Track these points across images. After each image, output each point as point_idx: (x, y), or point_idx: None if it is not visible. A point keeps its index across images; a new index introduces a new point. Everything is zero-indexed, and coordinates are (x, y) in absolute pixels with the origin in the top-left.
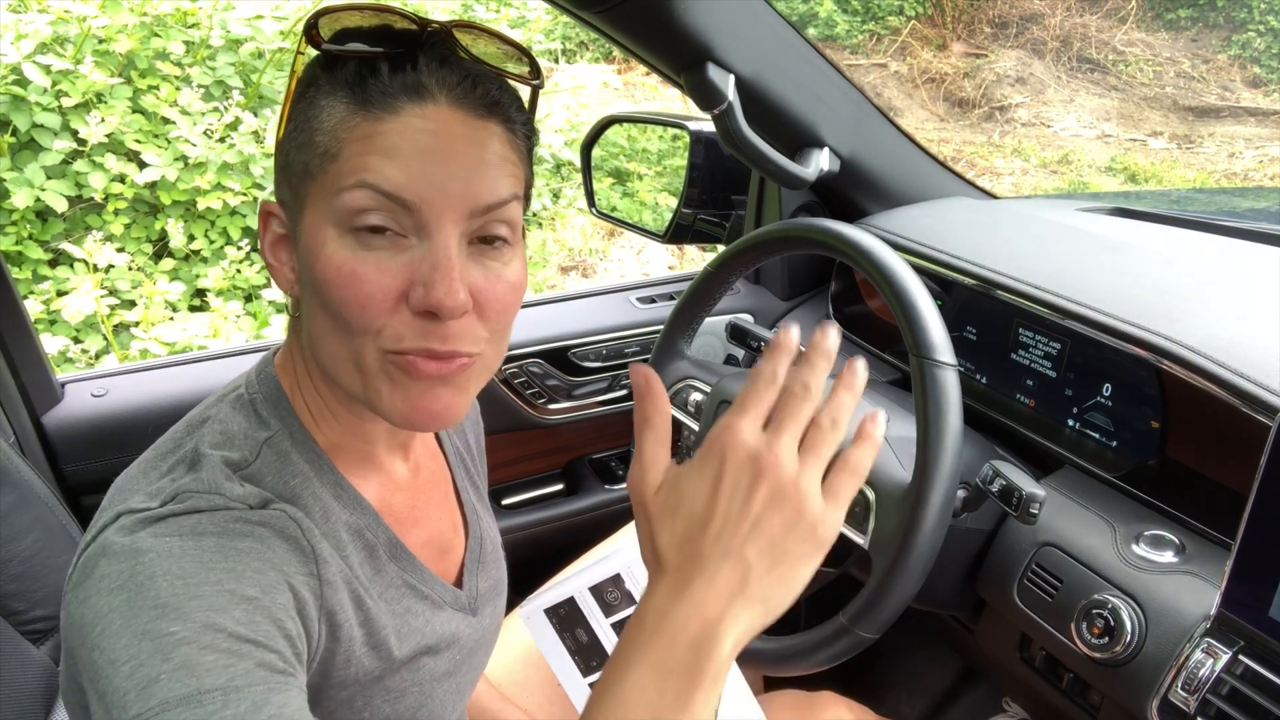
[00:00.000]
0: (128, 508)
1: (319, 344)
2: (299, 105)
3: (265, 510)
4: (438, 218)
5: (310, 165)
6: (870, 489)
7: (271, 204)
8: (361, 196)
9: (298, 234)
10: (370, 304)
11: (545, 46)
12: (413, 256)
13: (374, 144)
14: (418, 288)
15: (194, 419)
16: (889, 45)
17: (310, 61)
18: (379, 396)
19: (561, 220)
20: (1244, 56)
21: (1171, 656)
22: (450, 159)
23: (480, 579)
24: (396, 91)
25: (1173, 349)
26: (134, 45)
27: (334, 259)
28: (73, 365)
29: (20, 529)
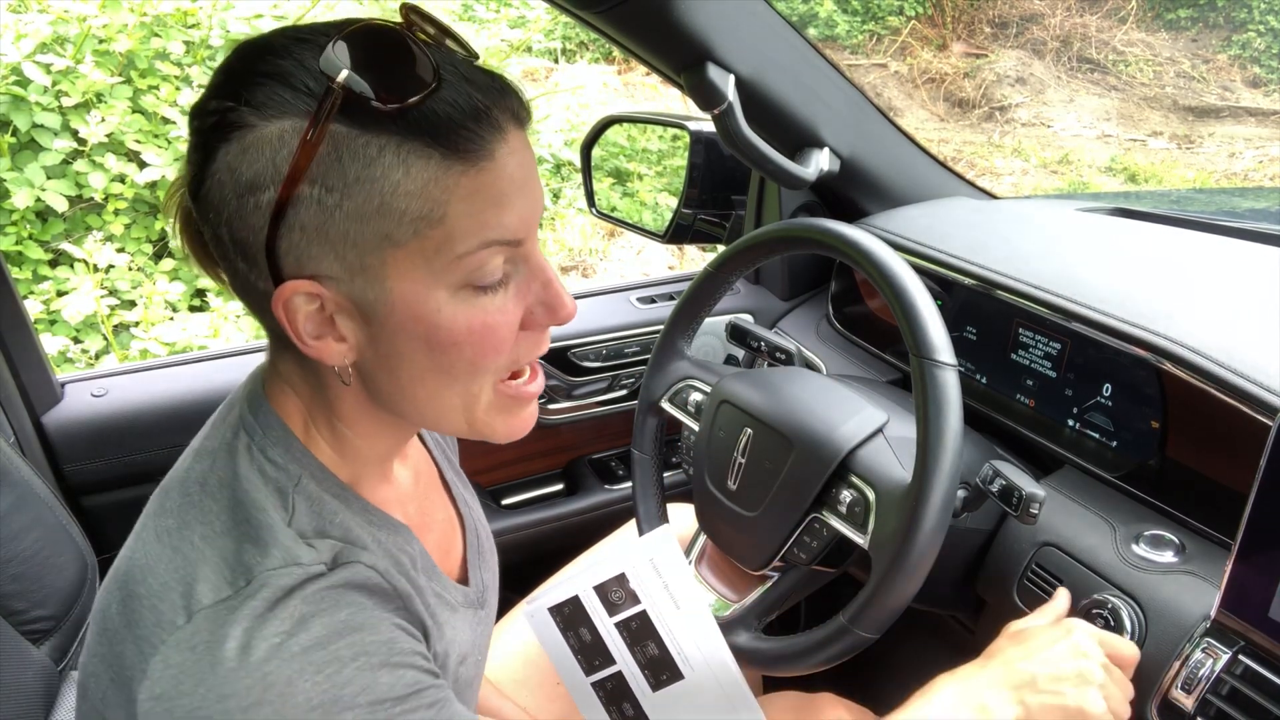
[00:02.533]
0: (198, 605)
1: (424, 401)
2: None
3: (341, 569)
4: (532, 240)
5: (394, 234)
6: (870, 489)
7: (300, 284)
8: (490, 255)
9: (372, 304)
10: (504, 346)
11: (545, 46)
12: (518, 284)
13: (484, 199)
14: (536, 309)
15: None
16: (889, 45)
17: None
18: (491, 427)
19: (561, 220)
20: (1244, 56)
21: (1171, 656)
22: (534, 182)
23: (483, 571)
24: (475, 129)
25: (1173, 349)
26: (134, 45)
27: (460, 319)
28: (73, 365)
29: (20, 529)
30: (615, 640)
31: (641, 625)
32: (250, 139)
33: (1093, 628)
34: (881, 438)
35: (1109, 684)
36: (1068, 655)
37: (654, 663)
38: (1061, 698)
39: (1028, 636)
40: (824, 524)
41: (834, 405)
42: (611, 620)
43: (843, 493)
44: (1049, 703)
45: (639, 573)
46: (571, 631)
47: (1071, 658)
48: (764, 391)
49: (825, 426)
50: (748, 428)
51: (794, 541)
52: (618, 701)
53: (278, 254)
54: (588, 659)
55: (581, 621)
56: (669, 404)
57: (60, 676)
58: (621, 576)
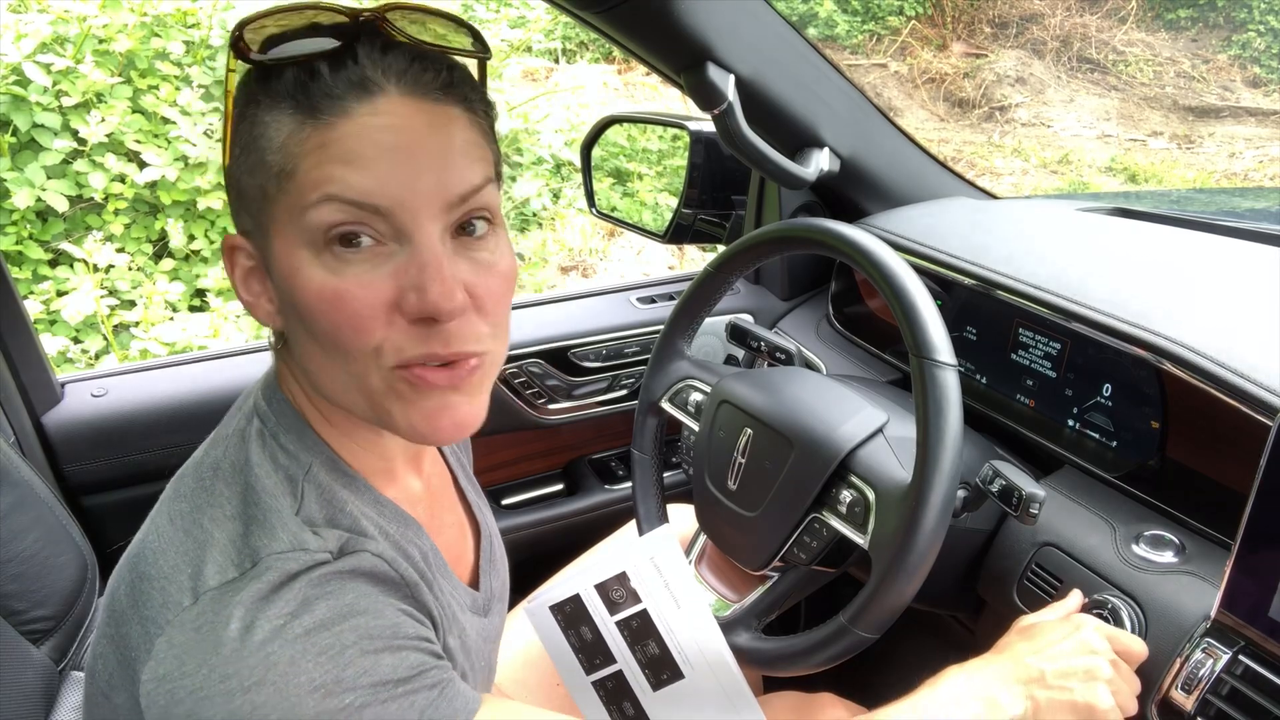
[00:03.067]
0: (205, 587)
1: (317, 374)
2: (241, 127)
3: (348, 557)
4: (414, 217)
5: (267, 188)
6: (870, 489)
7: (234, 237)
8: (329, 211)
9: (269, 263)
10: (361, 323)
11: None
12: (396, 263)
13: (330, 152)
14: (409, 294)
15: (220, 465)
16: (889, 45)
17: (244, 78)
18: (390, 416)
19: (561, 220)
20: (1244, 56)
21: (1171, 656)
22: (415, 153)
23: (493, 578)
24: (342, 91)
25: (1173, 349)
26: (134, 45)
27: (313, 282)
28: (73, 365)
29: (20, 529)
30: (616, 639)
31: (642, 624)
32: None
33: (1101, 623)
34: (881, 438)
35: (1117, 679)
36: (1076, 651)
37: (654, 662)
38: (1069, 693)
39: (1037, 632)
40: (824, 524)
41: (834, 405)
42: (612, 619)
43: (843, 493)
44: (1057, 698)
45: (640, 571)
46: (572, 630)
47: (1080, 654)
48: (764, 392)
49: (825, 426)
50: (748, 428)
51: (794, 542)
52: (618, 701)
53: (235, 211)
54: (588, 658)
55: (582, 620)
56: (669, 404)
57: (60, 676)
58: (622, 575)
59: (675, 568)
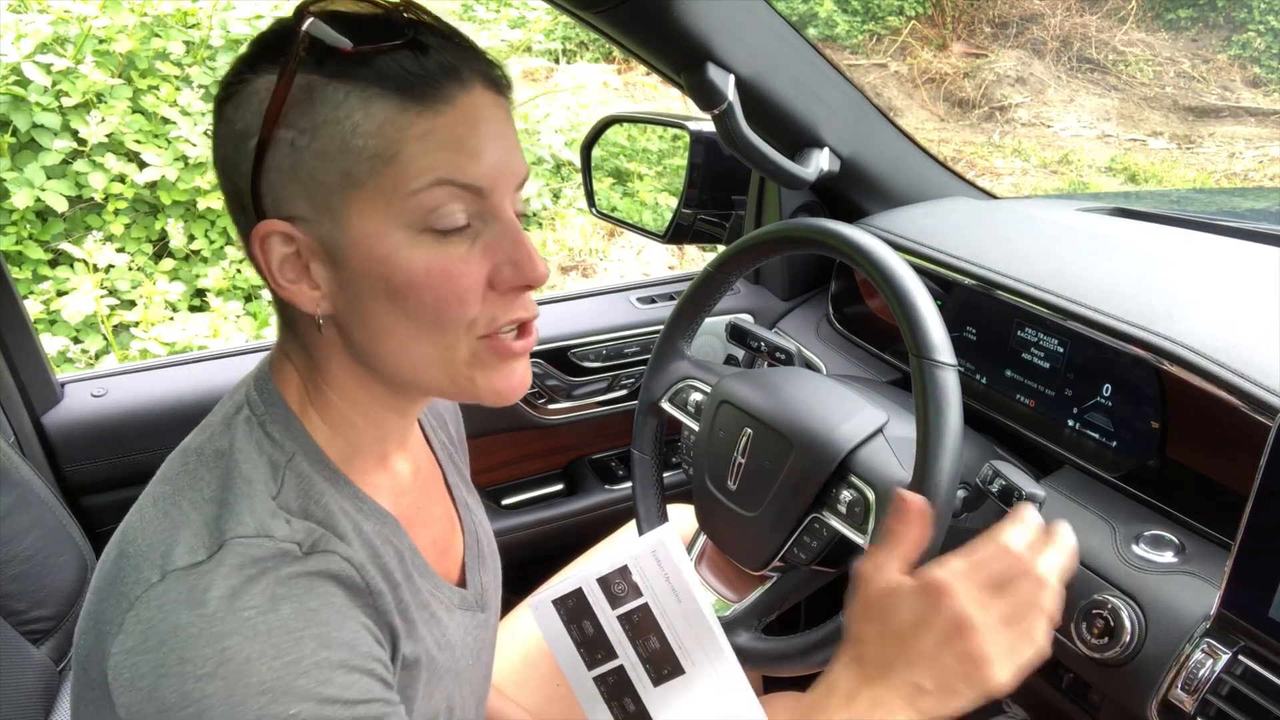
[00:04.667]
0: (173, 565)
1: (396, 351)
2: (299, 111)
3: (318, 556)
4: (501, 198)
5: (353, 172)
6: (870, 489)
7: (273, 224)
8: (442, 194)
9: (338, 246)
10: (467, 295)
11: (545, 46)
12: (487, 240)
13: (439, 139)
14: (504, 268)
15: (204, 449)
16: (889, 45)
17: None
18: (473, 383)
19: (561, 220)
20: (1244, 56)
21: (1171, 657)
22: (502, 139)
23: (483, 574)
24: (441, 80)
25: (1173, 349)
26: (134, 45)
27: (418, 261)
28: (73, 365)
29: (20, 529)
30: (617, 633)
31: (643, 618)
32: (245, 93)
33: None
34: (881, 438)
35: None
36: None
37: (655, 657)
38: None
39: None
40: (824, 524)
41: (834, 405)
42: (614, 613)
43: (843, 493)
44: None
45: (641, 565)
46: (575, 624)
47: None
48: (764, 392)
49: (825, 427)
50: (748, 428)
51: (794, 542)
52: (619, 697)
53: (260, 197)
54: (590, 652)
55: (584, 614)
56: (669, 404)
57: (60, 676)
58: (624, 569)
59: (677, 562)
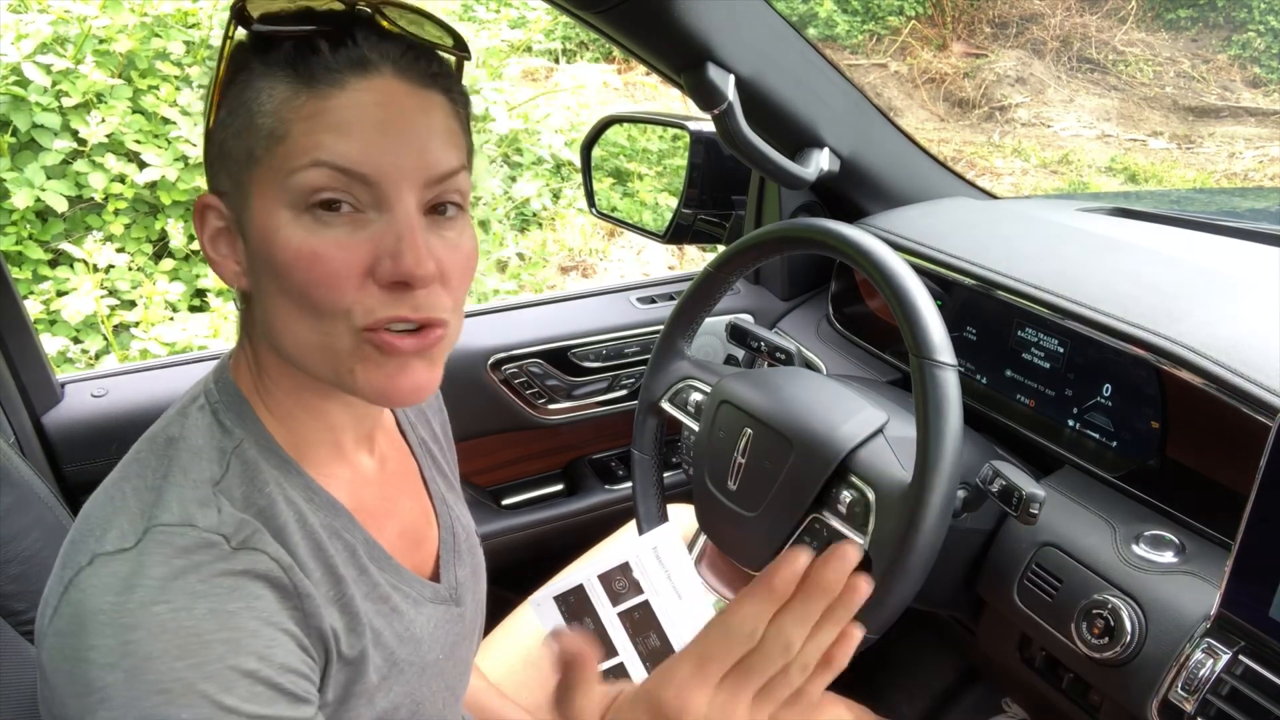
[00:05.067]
0: (102, 549)
1: (283, 333)
2: (231, 91)
3: (245, 553)
4: (395, 189)
5: (254, 150)
6: (870, 489)
7: (208, 197)
8: (317, 175)
9: (245, 223)
10: (337, 282)
11: (545, 46)
12: (374, 231)
13: (324, 121)
14: (384, 260)
15: (158, 436)
16: (889, 45)
17: (239, 46)
18: (353, 376)
19: (561, 220)
20: (1244, 56)
21: (1171, 657)
22: (402, 130)
23: (458, 568)
24: (340, 66)
25: (1173, 349)
26: (134, 45)
27: (292, 241)
28: (73, 365)
29: (20, 529)
30: (618, 630)
31: (644, 616)
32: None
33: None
34: (881, 438)
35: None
36: None
37: (655, 654)
38: None
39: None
40: (824, 524)
41: (834, 405)
42: (615, 610)
43: (843, 493)
44: None
45: (642, 562)
46: (576, 621)
47: None
48: (764, 392)
49: (825, 427)
50: (748, 428)
51: (794, 542)
52: None
53: (212, 173)
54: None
55: (585, 611)
56: (669, 404)
57: None
58: (625, 566)
59: (677, 560)
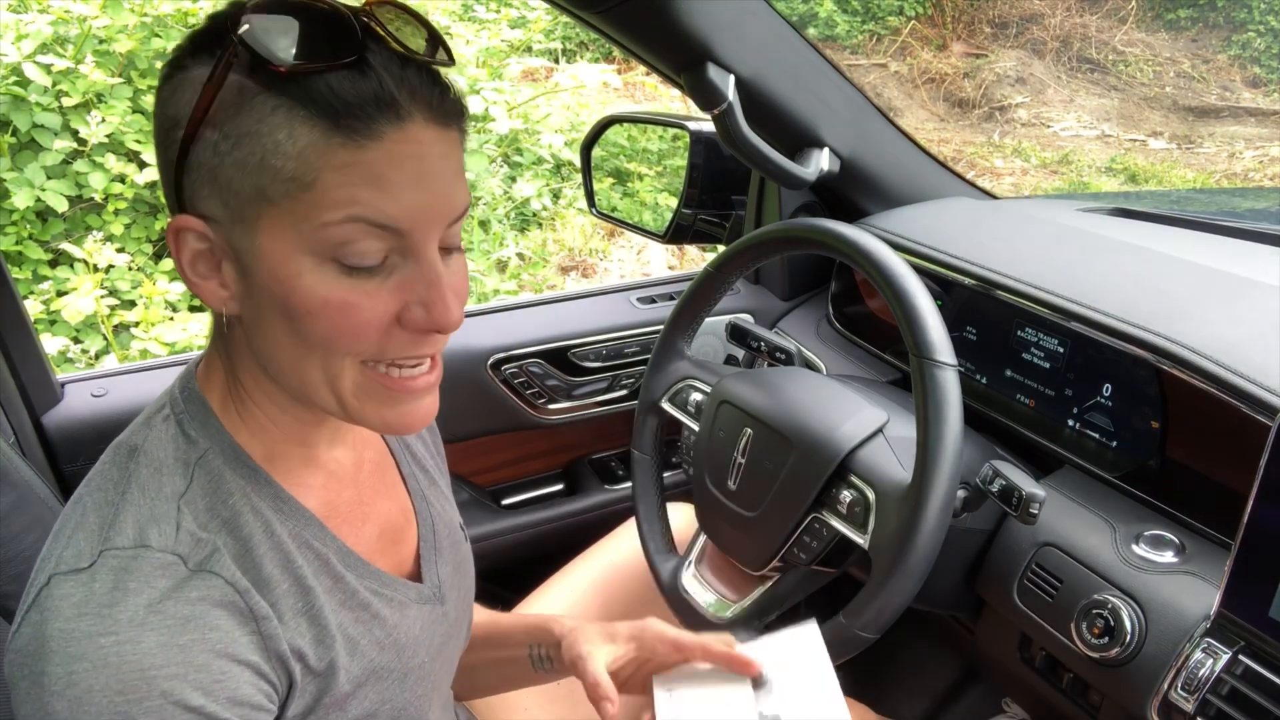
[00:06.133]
0: (59, 569)
1: (288, 368)
2: (227, 114)
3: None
4: (424, 238)
5: (267, 190)
6: (870, 489)
7: (185, 219)
8: (354, 230)
9: (245, 254)
10: (364, 331)
11: (545, 46)
12: (401, 278)
13: (358, 174)
14: (414, 309)
15: (122, 446)
16: (889, 45)
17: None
18: (362, 413)
19: (561, 220)
20: (1244, 56)
21: (1171, 656)
22: (433, 180)
23: (440, 566)
24: (373, 113)
25: (1173, 349)
26: (134, 45)
27: (319, 291)
28: (73, 365)
29: (20, 529)
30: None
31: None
32: (180, 80)
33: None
34: (881, 438)
35: None
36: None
37: None
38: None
39: None
40: (824, 524)
41: (834, 405)
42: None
43: (843, 493)
44: None
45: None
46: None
47: None
48: (764, 391)
49: (825, 426)
50: (748, 428)
51: (794, 542)
52: None
53: (183, 189)
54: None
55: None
56: (669, 404)
57: None
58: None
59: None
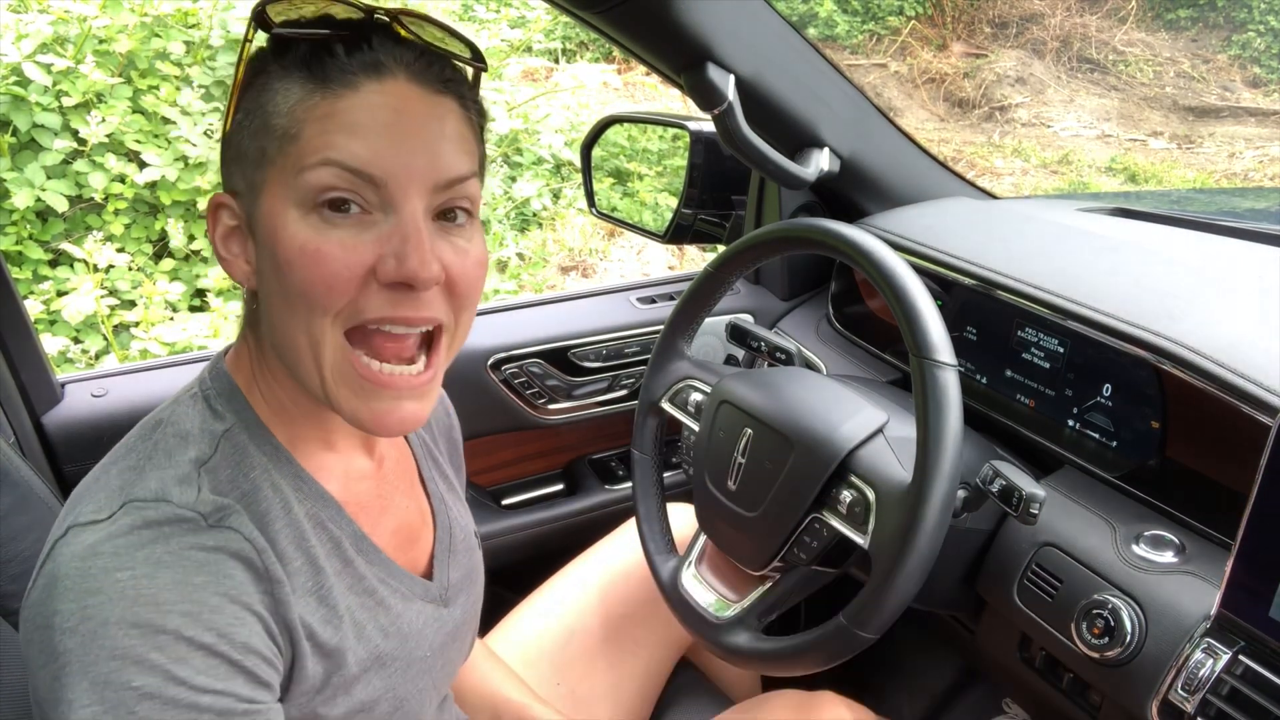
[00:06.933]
0: (76, 519)
1: (278, 331)
2: (249, 93)
3: (219, 531)
4: (403, 191)
5: (268, 149)
6: (870, 489)
7: (221, 196)
8: (327, 174)
9: (255, 221)
10: (336, 282)
11: (545, 46)
12: (380, 232)
13: (336, 122)
14: (388, 260)
15: (148, 422)
16: (889, 45)
17: (258, 50)
18: (338, 402)
19: (561, 220)
20: (1244, 56)
21: (1171, 657)
22: (413, 134)
23: (451, 569)
24: (355, 69)
25: (1173, 349)
26: (134, 45)
27: (297, 238)
28: (73, 365)
29: (20, 529)
30: None
31: None
32: None
33: None
34: (881, 438)
35: None
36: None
37: None
38: None
39: None
40: (824, 524)
41: (834, 405)
42: None
43: (843, 493)
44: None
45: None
46: None
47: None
48: (764, 392)
49: (825, 427)
50: (748, 428)
51: (794, 542)
52: None
53: (227, 174)
54: None
55: None
56: (669, 404)
57: None
58: None
59: None
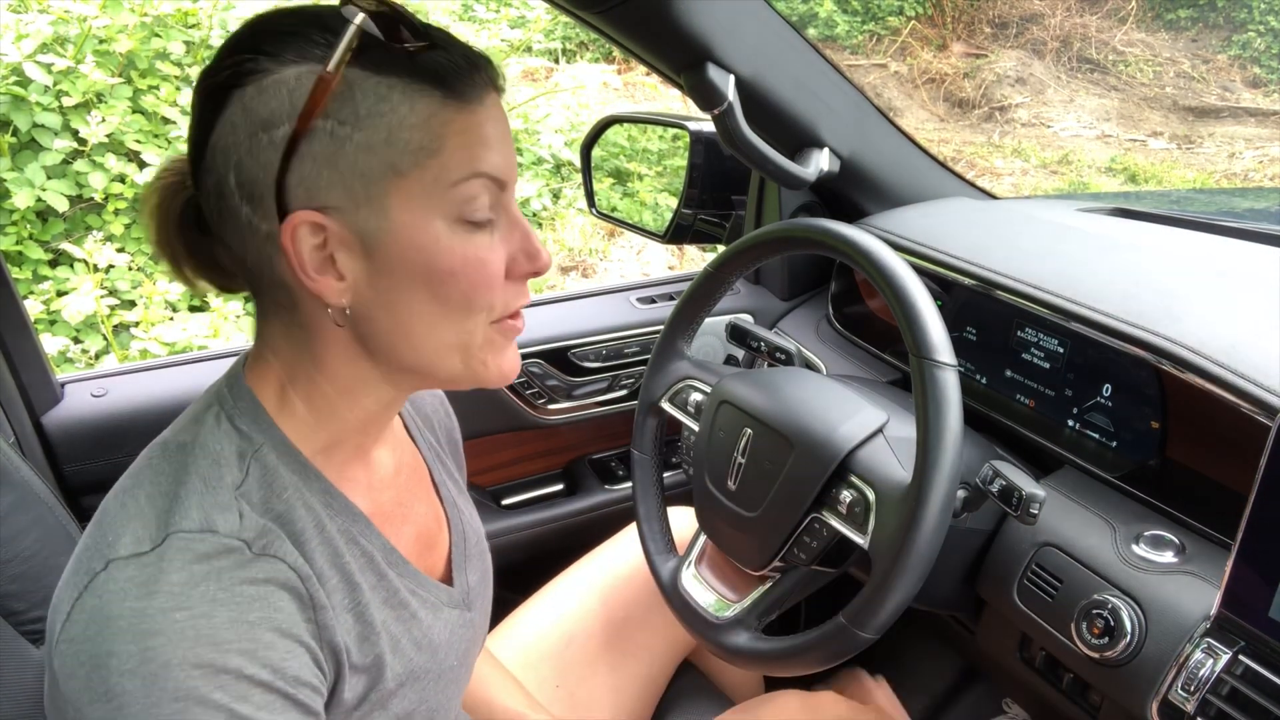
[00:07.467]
0: (116, 554)
1: (421, 338)
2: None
3: (265, 560)
4: (511, 192)
5: (398, 164)
6: (870, 489)
7: (306, 214)
8: (476, 187)
9: (375, 234)
10: (494, 282)
11: (545, 46)
12: (502, 231)
13: (475, 136)
14: (519, 257)
15: (170, 442)
16: (889, 45)
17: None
18: (484, 366)
19: (561, 220)
20: (1244, 56)
21: (1171, 657)
22: (510, 141)
23: (469, 572)
24: (480, 81)
25: (1173, 349)
26: (134, 45)
27: (458, 250)
28: (73, 365)
29: (20, 529)
30: None
31: None
32: (268, 81)
33: None
34: (881, 438)
35: None
36: None
37: None
38: None
39: None
40: (824, 524)
41: (834, 405)
42: None
43: (843, 493)
44: None
45: None
46: None
47: None
48: (764, 392)
49: (825, 427)
50: (748, 428)
51: (794, 542)
52: None
53: (287, 187)
54: None
55: None
56: (669, 404)
57: None
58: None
59: None
